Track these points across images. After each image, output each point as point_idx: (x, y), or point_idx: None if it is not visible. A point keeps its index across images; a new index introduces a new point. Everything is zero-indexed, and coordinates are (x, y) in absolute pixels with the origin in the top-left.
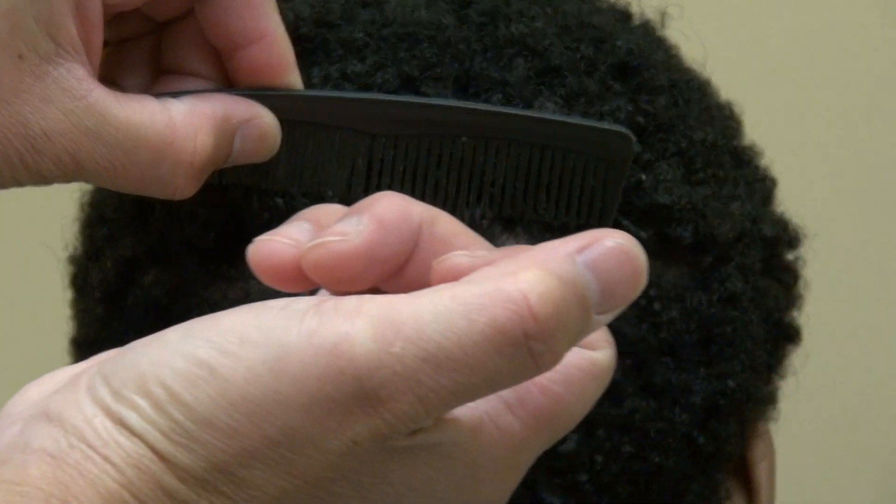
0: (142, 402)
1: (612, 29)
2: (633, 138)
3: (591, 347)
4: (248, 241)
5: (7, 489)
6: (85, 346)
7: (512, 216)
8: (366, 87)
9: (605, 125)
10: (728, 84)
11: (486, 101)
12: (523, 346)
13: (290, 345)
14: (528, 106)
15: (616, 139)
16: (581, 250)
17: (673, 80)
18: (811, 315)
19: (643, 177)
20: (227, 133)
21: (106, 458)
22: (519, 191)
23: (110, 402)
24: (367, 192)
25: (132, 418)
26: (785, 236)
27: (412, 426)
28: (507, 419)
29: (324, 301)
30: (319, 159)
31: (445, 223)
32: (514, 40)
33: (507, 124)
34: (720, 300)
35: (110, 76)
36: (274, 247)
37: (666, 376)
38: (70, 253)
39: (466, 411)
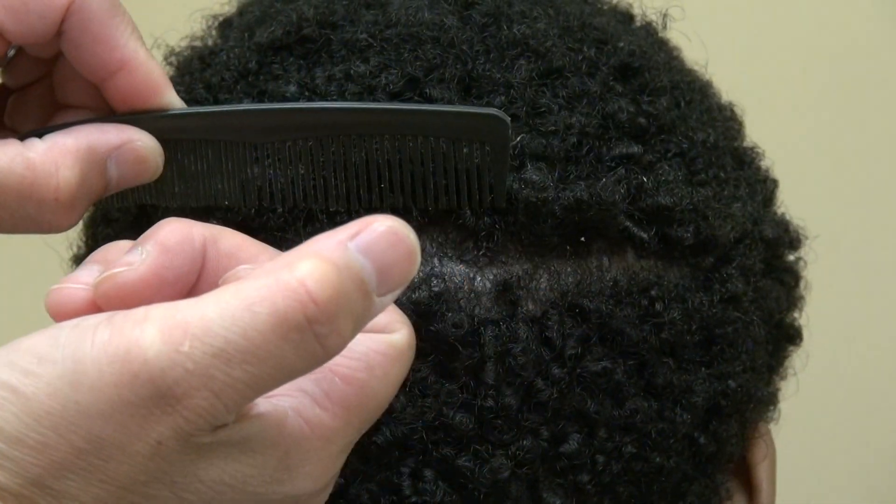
0: None
1: (614, 30)
2: (507, 119)
3: (387, 331)
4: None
5: None
6: None
7: (407, 207)
8: (370, 89)
9: (476, 109)
10: (729, 85)
11: (489, 102)
12: (308, 331)
13: (85, 356)
14: (533, 106)
15: (489, 122)
16: (353, 237)
17: (674, 81)
18: (812, 316)
19: (645, 178)
20: (94, 163)
21: None
22: (407, 182)
23: None
24: (260, 200)
25: None
26: (786, 237)
27: (213, 421)
28: (314, 412)
29: (115, 314)
30: (209, 173)
31: (229, 238)
32: (516, 41)
33: (380, 119)
34: (721, 301)
35: (11, 122)
36: (66, 293)
37: (667, 377)
38: (74, 252)
39: (270, 407)
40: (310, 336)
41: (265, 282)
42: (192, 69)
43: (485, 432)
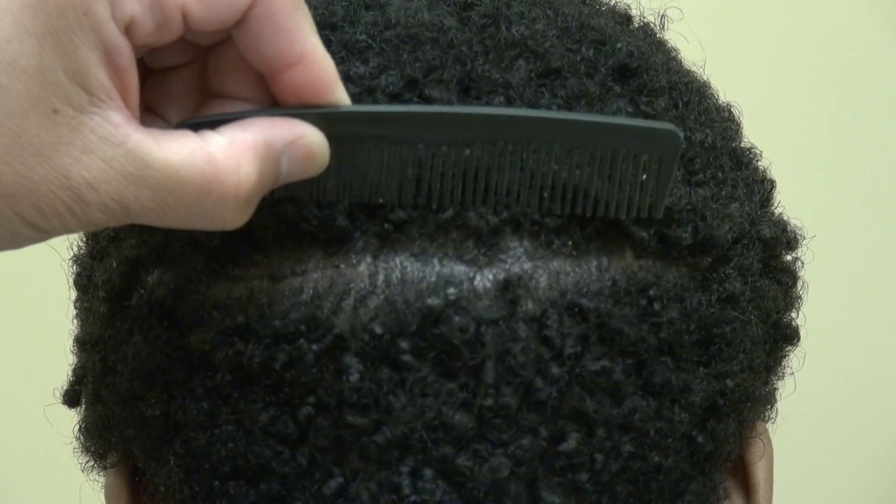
0: None
1: (612, 31)
2: (681, 134)
3: None
4: (253, 241)
5: None
6: (89, 344)
7: (565, 214)
8: (369, 90)
9: (653, 124)
10: (727, 86)
11: (488, 103)
12: None
13: None
14: (532, 106)
15: (664, 136)
16: None
17: (672, 82)
18: (809, 316)
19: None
20: (271, 159)
21: None
22: (569, 190)
23: None
24: (417, 198)
25: None
26: (783, 237)
27: None
28: None
29: None
30: (369, 170)
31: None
32: (515, 42)
33: (553, 129)
34: (719, 300)
35: (154, 106)
36: None
37: (666, 376)
38: (74, 252)
39: None
40: None
41: None
42: None
43: (484, 431)
